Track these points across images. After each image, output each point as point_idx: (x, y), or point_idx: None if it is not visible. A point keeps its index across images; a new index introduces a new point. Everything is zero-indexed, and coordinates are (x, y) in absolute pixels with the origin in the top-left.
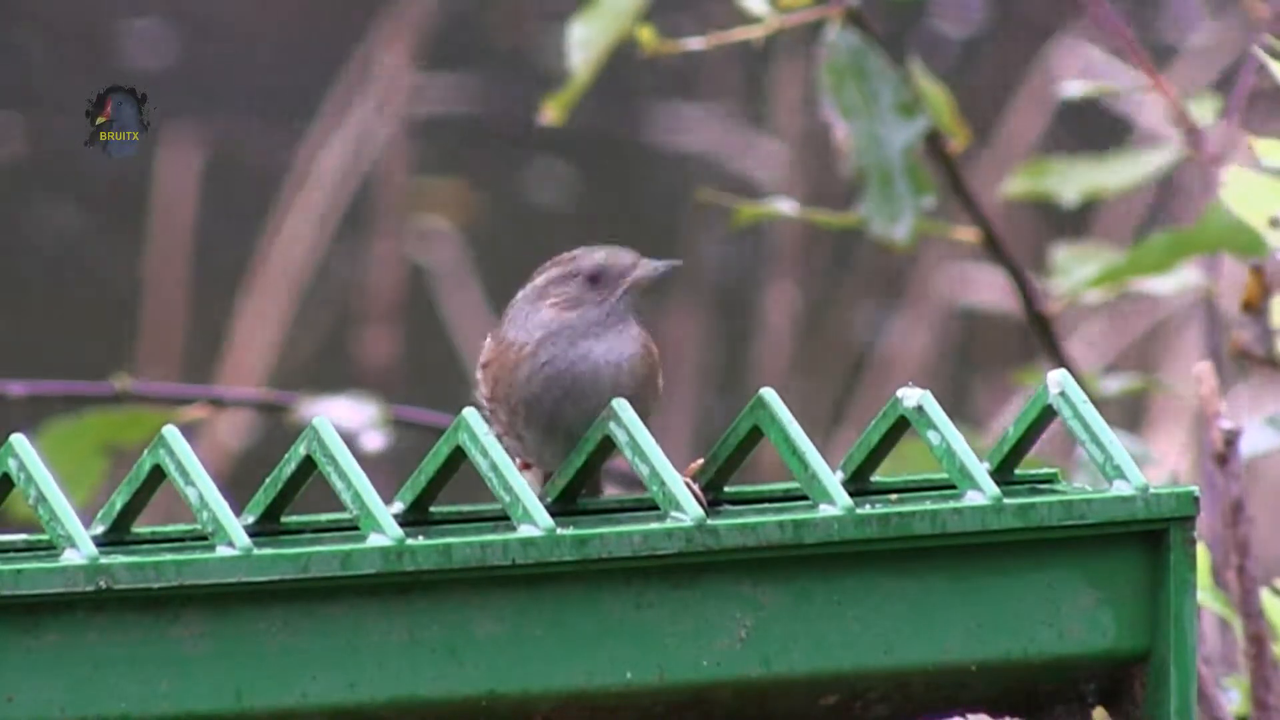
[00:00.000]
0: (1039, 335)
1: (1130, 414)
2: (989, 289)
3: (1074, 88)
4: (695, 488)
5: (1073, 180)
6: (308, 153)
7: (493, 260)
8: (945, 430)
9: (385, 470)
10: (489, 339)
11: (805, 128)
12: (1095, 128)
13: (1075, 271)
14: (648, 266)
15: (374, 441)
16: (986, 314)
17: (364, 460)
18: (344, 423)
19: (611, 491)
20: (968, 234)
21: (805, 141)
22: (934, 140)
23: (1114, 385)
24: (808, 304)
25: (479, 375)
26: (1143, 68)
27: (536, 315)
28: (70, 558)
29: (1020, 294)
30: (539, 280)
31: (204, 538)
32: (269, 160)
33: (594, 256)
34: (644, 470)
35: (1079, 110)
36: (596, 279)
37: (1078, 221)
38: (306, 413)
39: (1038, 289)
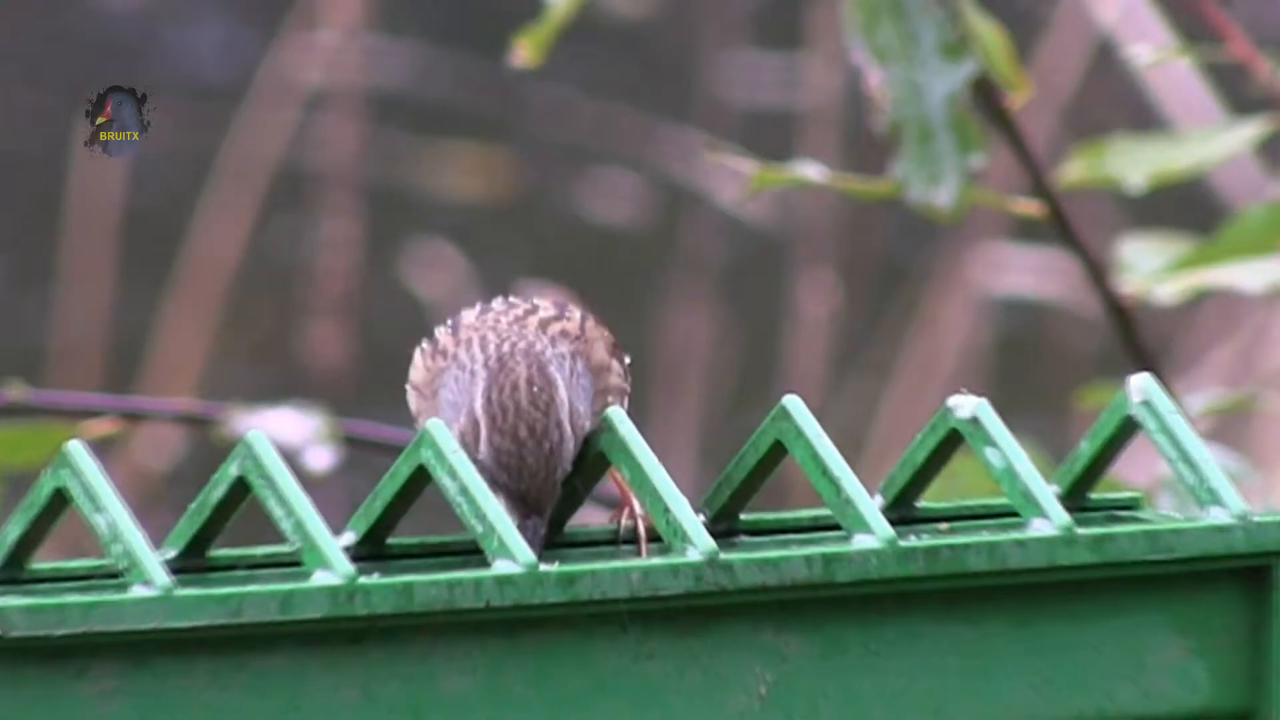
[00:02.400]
0: (1117, 332)
1: (1232, 432)
2: (1060, 276)
3: (1143, 54)
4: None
5: (1140, 162)
6: (245, 121)
7: (474, 244)
8: (1006, 446)
9: (334, 495)
10: (420, 356)
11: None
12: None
13: (1147, 265)
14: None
15: (320, 459)
16: (1057, 308)
17: (309, 482)
18: (285, 437)
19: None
20: (1027, 207)
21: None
22: (985, 91)
23: (1198, 402)
24: (849, 293)
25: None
26: (1223, 29)
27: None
28: None
29: (1094, 282)
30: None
31: (116, 575)
32: (201, 131)
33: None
34: (644, 494)
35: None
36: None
37: (1159, 204)
38: (239, 427)
39: (1113, 276)
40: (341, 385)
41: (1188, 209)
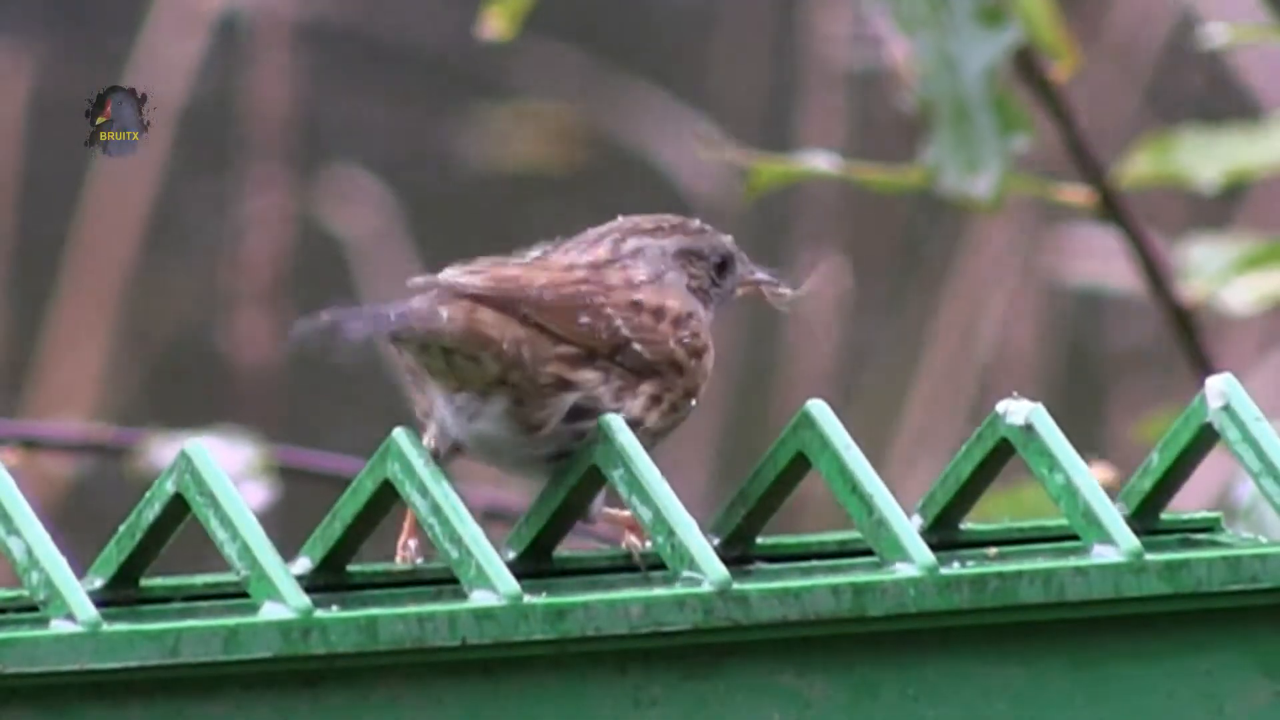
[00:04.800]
0: (1178, 334)
1: None
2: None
3: (1219, 33)
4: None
5: (1213, 156)
6: (151, 67)
7: (424, 220)
8: (1064, 458)
9: (285, 515)
10: (648, 291)
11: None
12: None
13: (1215, 268)
14: (763, 278)
15: (254, 495)
16: (1117, 299)
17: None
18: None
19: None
20: (1076, 195)
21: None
22: (1028, 63)
23: None
24: (860, 280)
25: (671, 343)
26: None
27: (682, 288)
28: None
29: (1150, 277)
30: (668, 243)
31: (33, 608)
32: (98, 80)
33: (724, 240)
34: (645, 514)
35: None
36: (724, 270)
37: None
38: (156, 457)
39: (1172, 271)
40: (272, 392)
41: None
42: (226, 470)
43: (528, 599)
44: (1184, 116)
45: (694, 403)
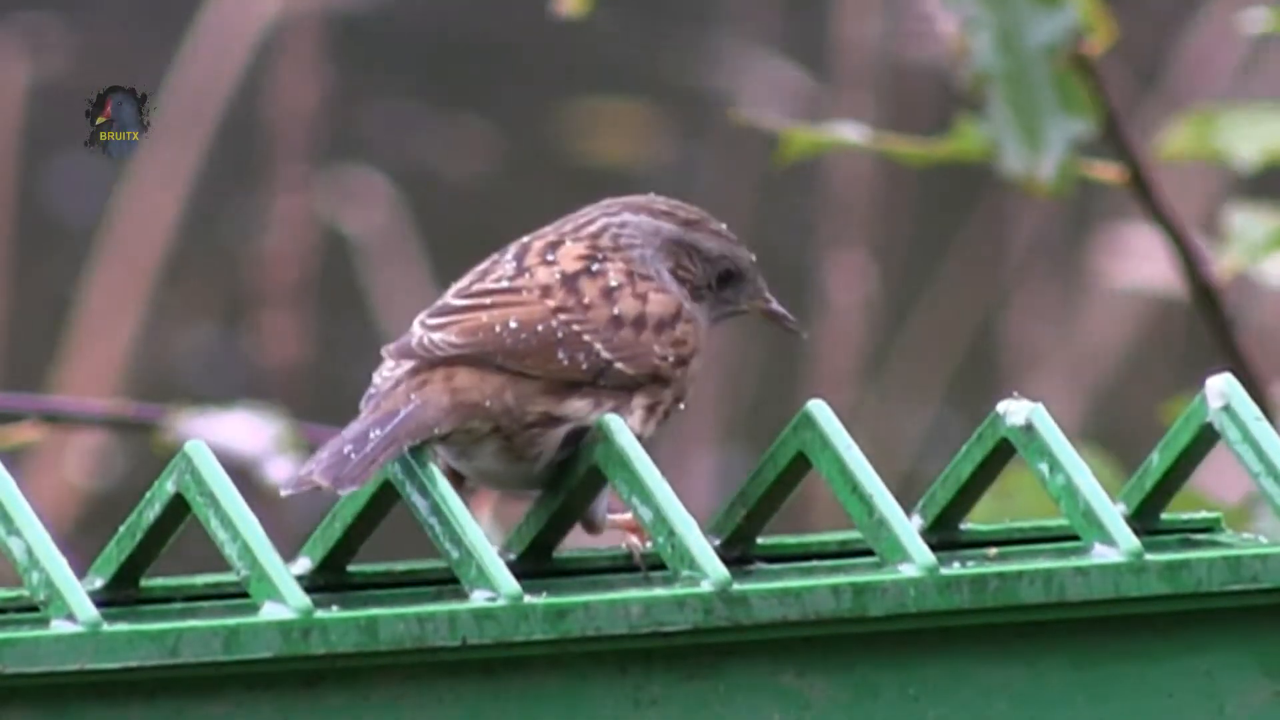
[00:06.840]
0: (1206, 318)
1: None
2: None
3: (1256, 19)
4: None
5: (1252, 136)
6: (181, 66)
7: (434, 222)
8: (1064, 459)
9: (286, 515)
10: (651, 285)
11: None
12: None
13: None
14: (778, 310)
15: (281, 470)
16: (1149, 300)
17: (258, 502)
18: (238, 445)
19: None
20: (1109, 172)
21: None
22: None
23: None
24: (886, 281)
25: (661, 336)
26: None
27: (666, 275)
28: None
29: (1181, 257)
30: (668, 227)
31: (34, 608)
32: (129, 75)
33: (743, 253)
34: (646, 515)
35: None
36: (728, 280)
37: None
38: (183, 431)
39: (1204, 253)
40: (296, 387)
41: None
42: (251, 445)
43: (528, 599)
44: None
45: (682, 406)
